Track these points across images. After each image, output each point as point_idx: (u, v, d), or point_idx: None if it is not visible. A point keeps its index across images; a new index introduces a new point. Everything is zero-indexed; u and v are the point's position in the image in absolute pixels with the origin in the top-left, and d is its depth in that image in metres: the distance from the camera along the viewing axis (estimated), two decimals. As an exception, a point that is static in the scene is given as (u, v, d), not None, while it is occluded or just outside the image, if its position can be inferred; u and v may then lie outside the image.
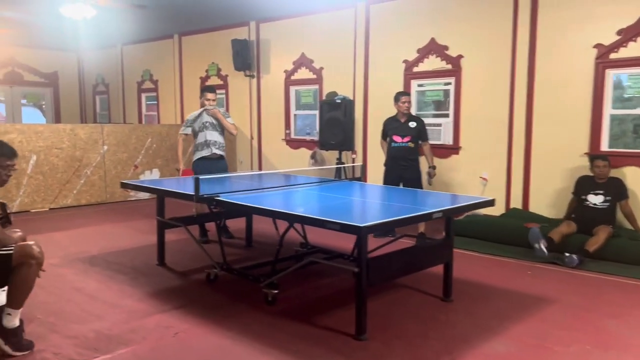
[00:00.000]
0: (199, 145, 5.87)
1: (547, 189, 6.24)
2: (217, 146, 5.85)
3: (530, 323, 3.57)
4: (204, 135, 5.82)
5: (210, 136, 5.83)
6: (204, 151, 5.83)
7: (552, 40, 6.09)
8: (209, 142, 5.81)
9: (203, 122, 5.83)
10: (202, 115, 5.86)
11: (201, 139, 5.84)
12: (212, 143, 5.82)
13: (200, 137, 5.84)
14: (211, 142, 5.83)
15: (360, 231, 2.90)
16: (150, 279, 4.52)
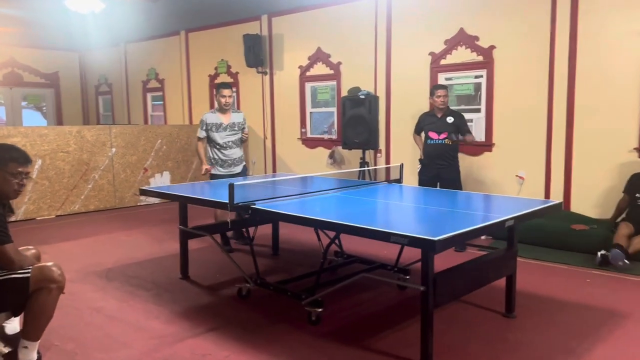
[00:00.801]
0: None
1: (591, 188, 5.83)
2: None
3: (613, 343, 3.17)
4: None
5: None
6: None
7: (595, 27, 5.67)
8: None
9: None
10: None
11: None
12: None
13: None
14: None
15: (434, 246, 2.48)
16: (175, 295, 4.11)
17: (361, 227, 2.83)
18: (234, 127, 5.56)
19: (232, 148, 5.56)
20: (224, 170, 5.54)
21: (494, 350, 3.10)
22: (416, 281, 4.23)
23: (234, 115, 5.62)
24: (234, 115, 5.62)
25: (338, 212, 3.50)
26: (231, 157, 5.56)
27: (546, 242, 5.41)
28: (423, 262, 2.80)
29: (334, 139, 8.16)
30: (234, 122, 5.57)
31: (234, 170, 5.60)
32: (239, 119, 5.63)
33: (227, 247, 5.37)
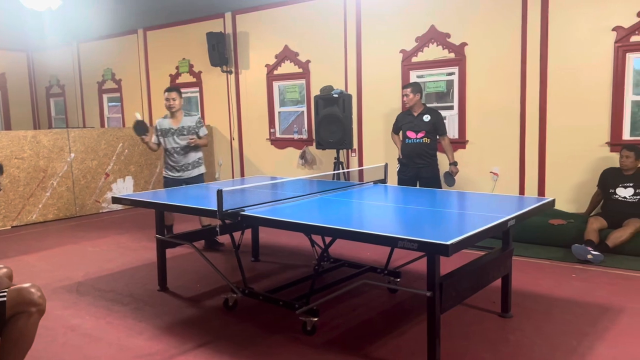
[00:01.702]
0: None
1: (565, 183, 5.91)
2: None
3: (613, 340, 3.16)
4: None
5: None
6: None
7: (566, 23, 5.75)
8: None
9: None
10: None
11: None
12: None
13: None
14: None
15: (447, 250, 2.38)
16: (156, 309, 3.86)
17: (364, 233, 2.70)
18: (182, 132, 5.38)
19: (179, 154, 5.40)
20: (173, 174, 5.45)
21: (498, 352, 3.04)
22: (409, 282, 4.18)
23: (186, 119, 5.44)
24: (186, 119, 5.44)
25: (333, 216, 3.35)
26: (180, 163, 5.42)
27: (525, 238, 5.43)
28: (429, 266, 2.70)
29: (305, 139, 8.01)
30: (183, 127, 5.39)
31: (185, 175, 5.44)
32: (190, 122, 5.43)
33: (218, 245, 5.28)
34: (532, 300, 3.86)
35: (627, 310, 3.62)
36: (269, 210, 3.42)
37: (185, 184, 5.42)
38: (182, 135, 5.37)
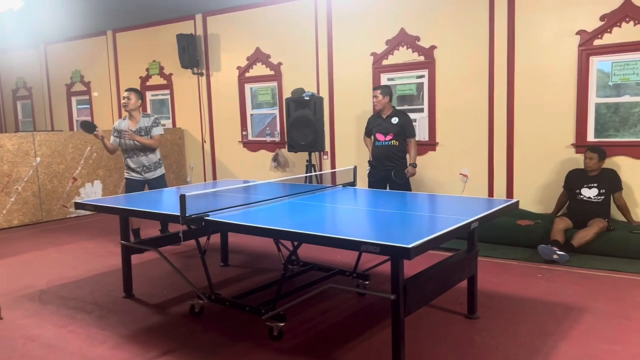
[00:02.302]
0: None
1: (533, 184, 6.00)
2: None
3: (576, 339, 3.20)
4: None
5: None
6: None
7: (531, 26, 5.84)
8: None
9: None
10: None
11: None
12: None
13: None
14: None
15: (409, 253, 2.38)
16: (121, 316, 3.78)
17: (329, 237, 2.68)
18: (140, 132, 5.41)
19: (139, 155, 5.43)
20: (135, 175, 5.47)
21: (464, 354, 3.05)
22: (377, 285, 4.18)
23: (144, 119, 5.47)
24: (144, 119, 5.47)
25: (299, 220, 3.34)
26: (141, 164, 5.44)
27: (494, 239, 5.50)
28: (393, 269, 2.69)
29: (277, 141, 7.97)
30: (140, 127, 5.42)
31: (148, 176, 5.49)
32: (147, 123, 5.46)
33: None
34: (499, 300, 3.90)
35: (590, 309, 3.68)
36: (235, 214, 3.37)
37: (148, 185, 5.45)
38: (140, 135, 5.40)
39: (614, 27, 5.40)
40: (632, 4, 5.27)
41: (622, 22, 5.35)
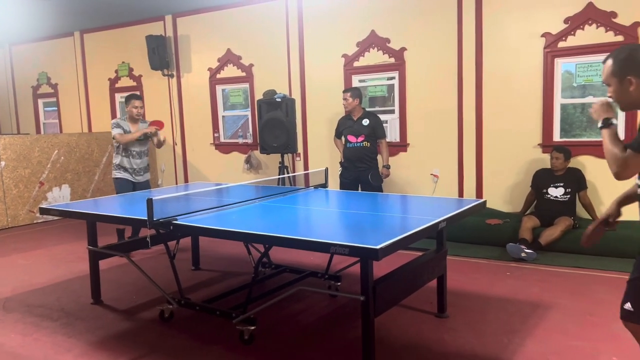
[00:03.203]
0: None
1: (501, 184, 6.11)
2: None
3: (541, 335, 3.27)
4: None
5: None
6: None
7: (498, 29, 5.94)
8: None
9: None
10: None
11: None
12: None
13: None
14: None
15: (377, 254, 2.39)
16: (88, 323, 3.71)
17: (298, 239, 2.69)
18: (141, 137, 5.54)
19: (135, 157, 5.53)
20: (127, 175, 5.49)
21: (432, 353, 3.09)
22: (349, 286, 4.20)
23: (142, 125, 5.60)
24: (142, 125, 5.60)
25: (269, 223, 3.32)
26: (138, 166, 5.55)
27: (464, 238, 5.58)
28: (362, 271, 2.71)
29: (250, 143, 7.94)
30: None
31: (138, 178, 5.56)
32: (144, 129, 5.61)
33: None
34: (468, 299, 3.96)
35: (556, 306, 3.76)
36: (204, 218, 3.34)
37: (137, 187, 5.47)
38: (141, 140, 5.53)
39: (577, 30, 5.53)
40: (595, 7, 5.41)
41: (585, 25, 5.49)
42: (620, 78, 2.06)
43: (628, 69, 2.03)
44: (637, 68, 2.02)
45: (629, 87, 2.04)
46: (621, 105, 2.14)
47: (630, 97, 2.07)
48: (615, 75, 2.07)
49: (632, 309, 2.08)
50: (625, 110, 2.18)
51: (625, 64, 2.04)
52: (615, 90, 2.10)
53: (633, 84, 2.03)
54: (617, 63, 2.07)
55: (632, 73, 2.03)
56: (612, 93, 2.13)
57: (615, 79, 2.08)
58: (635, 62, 2.03)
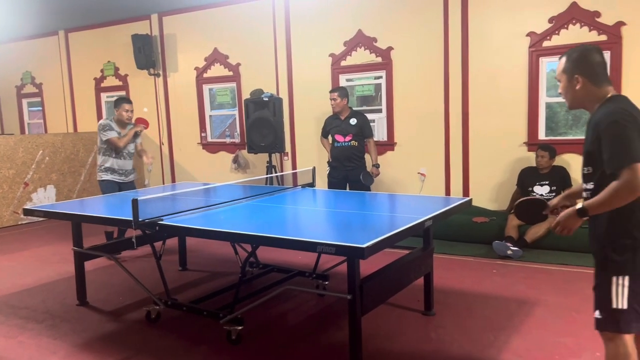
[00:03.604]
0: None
1: (488, 182, 6.15)
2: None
3: (527, 332, 3.30)
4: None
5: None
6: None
7: (484, 29, 5.99)
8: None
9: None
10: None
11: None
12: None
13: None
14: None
15: (363, 253, 2.40)
16: (74, 325, 3.68)
17: (284, 239, 2.68)
18: (132, 139, 5.51)
19: (125, 159, 5.49)
20: (114, 177, 5.42)
21: (419, 351, 3.10)
22: (337, 285, 4.19)
23: (130, 127, 5.53)
24: (130, 127, 5.53)
25: (255, 222, 3.32)
26: (124, 168, 5.48)
27: (450, 236, 5.61)
28: (349, 269, 2.71)
29: (237, 143, 7.91)
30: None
31: (127, 179, 5.52)
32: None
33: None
34: (455, 297, 3.98)
35: (541, 302, 3.80)
36: (191, 218, 3.33)
37: (120, 188, 5.42)
38: (132, 142, 5.50)
39: (561, 29, 5.59)
40: (578, 7, 5.47)
41: (569, 24, 5.54)
42: (569, 76, 2.15)
43: (577, 68, 2.13)
44: (585, 68, 2.11)
45: (576, 85, 2.13)
46: (568, 103, 2.23)
47: (575, 95, 2.16)
48: (566, 73, 2.17)
49: (600, 317, 2.07)
50: (572, 109, 2.25)
51: (575, 64, 2.13)
52: (564, 87, 2.20)
53: (579, 82, 2.12)
54: (569, 61, 2.16)
55: (580, 72, 2.12)
56: (561, 89, 2.22)
57: (565, 76, 2.17)
58: (585, 62, 2.12)
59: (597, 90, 2.12)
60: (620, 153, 1.93)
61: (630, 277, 1.98)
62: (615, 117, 1.98)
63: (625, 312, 1.99)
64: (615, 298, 2.00)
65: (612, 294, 2.01)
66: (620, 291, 1.99)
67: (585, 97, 2.14)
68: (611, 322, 2.03)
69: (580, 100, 2.17)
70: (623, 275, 1.99)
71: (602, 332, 2.09)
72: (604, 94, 2.11)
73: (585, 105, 2.17)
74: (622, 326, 2.01)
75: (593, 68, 2.11)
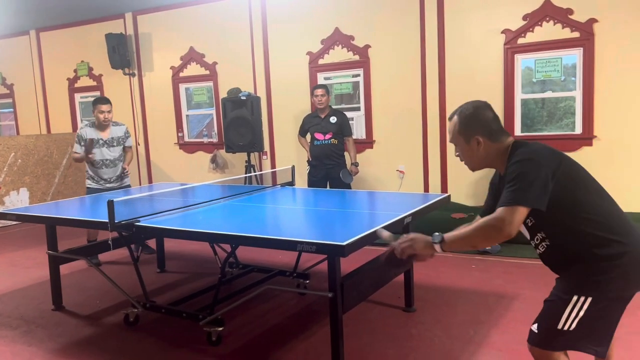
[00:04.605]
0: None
1: (465, 179, 6.18)
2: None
3: (506, 326, 3.34)
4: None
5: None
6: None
7: (460, 26, 6.03)
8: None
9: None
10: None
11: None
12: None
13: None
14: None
15: (343, 251, 2.39)
16: (49, 330, 3.60)
17: (263, 238, 2.66)
18: (112, 143, 5.16)
19: (109, 167, 5.15)
20: (100, 185, 5.16)
21: (400, 347, 3.11)
22: (318, 283, 4.19)
23: (115, 129, 5.21)
24: (115, 129, 5.21)
25: (234, 222, 3.29)
26: (110, 176, 5.17)
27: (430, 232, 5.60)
28: (330, 267, 2.70)
29: (215, 142, 7.84)
30: (112, 137, 5.16)
31: (111, 186, 5.20)
32: (119, 132, 5.22)
33: (94, 260, 4.83)
34: (435, 293, 4.01)
35: (520, 296, 3.85)
36: (169, 219, 3.28)
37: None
38: (113, 146, 5.16)
39: (535, 26, 5.66)
40: (552, 4, 5.54)
41: (543, 22, 5.62)
42: (467, 138, 2.00)
43: (473, 129, 1.97)
44: (482, 127, 1.96)
45: (477, 146, 1.98)
46: (470, 165, 2.07)
47: (479, 157, 2.00)
48: (462, 135, 2.01)
49: (537, 331, 1.94)
50: (475, 170, 2.08)
51: (471, 124, 1.98)
52: (463, 150, 2.03)
53: (481, 143, 1.97)
54: (463, 122, 2.00)
55: (478, 133, 1.97)
56: (459, 152, 2.05)
57: (462, 139, 2.02)
58: (480, 121, 1.97)
59: (498, 145, 1.97)
60: (512, 191, 1.77)
61: (593, 299, 1.81)
62: (520, 156, 1.83)
63: (567, 334, 1.84)
64: (565, 318, 1.84)
65: (563, 313, 1.85)
66: (575, 313, 1.83)
67: (491, 157, 1.98)
68: (547, 341, 1.91)
69: (485, 161, 2.01)
70: (587, 295, 1.81)
71: (534, 350, 1.96)
72: (507, 145, 1.97)
73: (493, 164, 2.01)
74: (556, 346, 1.89)
75: (490, 125, 1.97)
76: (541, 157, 1.83)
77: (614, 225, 1.84)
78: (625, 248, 1.80)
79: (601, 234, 1.81)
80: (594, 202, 1.86)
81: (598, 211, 1.85)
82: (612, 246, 1.80)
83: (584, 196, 1.86)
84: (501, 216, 1.77)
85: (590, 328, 1.83)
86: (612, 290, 1.81)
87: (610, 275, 1.79)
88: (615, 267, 1.79)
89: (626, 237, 1.83)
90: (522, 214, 1.77)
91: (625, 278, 1.81)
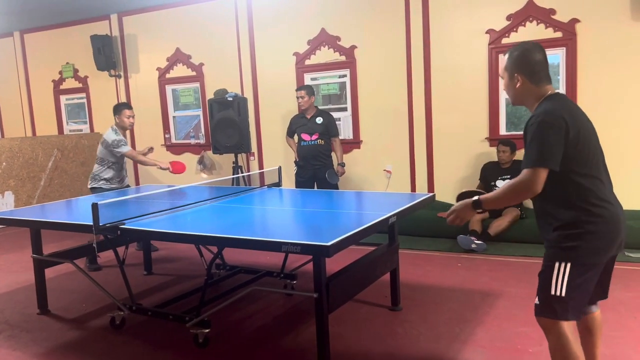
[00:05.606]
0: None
1: (452, 177, 6.25)
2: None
3: (491, 324, 3.37)
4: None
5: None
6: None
7: (445, 26, 6.07)
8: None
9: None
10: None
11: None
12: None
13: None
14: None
15: (328, 251, 2.41)
16: (34, 334, 3.57)
17: (249, 239, 2.67)
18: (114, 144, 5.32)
19: (123, 168, 5.40)
20: (112, 185, 5.26)
21: (386, 346, 3.13)
22: (305, 284, 4.20)
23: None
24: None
25: (220, 224, 3.29)
26: (120, 176, 5.37)
27: (415, 231, 5.68)
28: (315, 268, 2.72)
29: (202, 144, 7.82)
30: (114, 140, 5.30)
31: (122, 186, 5.37)
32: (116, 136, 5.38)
33: (93, 264, 4.89)
34: (421, 291, 4.04)
35: (504, 294, 3.89)
36: (154, 221, 3.27)
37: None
38: (114, 148, 5.29)
39: (519, 26, 5.72)
40: (535, 5, 5.61)
41: (527, 22, 5.68)
42: (510, 74, 2.20)
43: (517, 67, 2.17)
44: (525, 67, 2.15)
45: (516, 83, 2.18)
46: (511, 100, 2.29)
47: (516, 93, 2.21)
48: (507, 71, 2.22)
49: (539, 302, 2.10)
50: (514, 105, 2.29)
51: (516, 62, 2.17)
52: (506, 84, 2.25)
53: (519, 81, 2.16)
54: (510, 60, 2.20)
55: (520, 71, 2.16)
56: (504, 86, 2.28)
57: (506, 74, 2.22)
58: (525, 61, 2.15)
59: (535, 89, 2.15)
60: (531, 154, 2.00)
61: (572, 265, 2.01)
62: (542, 117, 2.02)
63: (562, 300, 2.02)
64: (555, 284, 2.03)
65: (552, 280, 2.04)
66: (561, 278, 2.02)
67: (525, 96, 2.18)
68: (548, 309, 2.06)
69: (520, 98, 2.21)
70: (566, 262, 2.02)
71: (541, 320, 2.12)
72: (543, 92, 2.14)
73: (526, 103, 2.21)
74: (559, 313, 2.04)
75: (532, 67, 2.14)
76: (554, 119, 2.00)
77: (595, 192, 2.04)
78: (600, 213, 2.03)
79: (578, 200, 2.03)
80: (584, 168, 2.06)
81: (584, 178, 2.05)
82: (586, 212, 2.02)
83: (578, 158, 2.05)
84: (526, 178, 2.02)
85: (579, 292, 2.03)
86: (583, 256, 2.02)
87: (580, 242, 2.01)
88: (585, 234, 2.01)
89: (600, 206, 2.04)
90: (543, 174, 2.00)
91: (595, 245, 2.02)
